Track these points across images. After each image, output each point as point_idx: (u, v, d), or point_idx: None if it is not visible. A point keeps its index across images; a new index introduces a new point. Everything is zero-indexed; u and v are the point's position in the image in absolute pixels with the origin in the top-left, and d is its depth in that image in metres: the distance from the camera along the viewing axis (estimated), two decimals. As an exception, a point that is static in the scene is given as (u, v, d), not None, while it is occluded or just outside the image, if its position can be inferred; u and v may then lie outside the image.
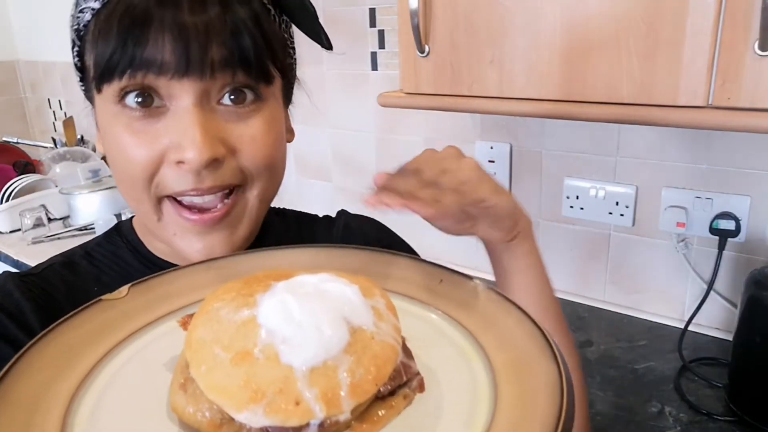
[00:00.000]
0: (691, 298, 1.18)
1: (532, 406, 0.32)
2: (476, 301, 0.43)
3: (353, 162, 1.63)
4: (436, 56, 0.95)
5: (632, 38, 0.77)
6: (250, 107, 0.52)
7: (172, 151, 0.49)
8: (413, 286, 0.46)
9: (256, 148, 0.52)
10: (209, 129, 0.49)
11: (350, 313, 0.34)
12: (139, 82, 0.48)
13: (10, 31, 2.67)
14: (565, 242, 1.31)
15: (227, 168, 0.51)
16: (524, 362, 0.36)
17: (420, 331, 0.41)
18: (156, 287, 0.45)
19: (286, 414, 0.29)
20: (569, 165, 1.26)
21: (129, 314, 0.42)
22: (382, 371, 0.32)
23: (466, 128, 1.39)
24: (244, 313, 0.34)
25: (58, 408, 0.33)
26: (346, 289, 0.36)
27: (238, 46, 0.48)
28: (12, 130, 2.55)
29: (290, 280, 0.37)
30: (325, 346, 0.32)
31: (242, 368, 0.31)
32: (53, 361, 0.36)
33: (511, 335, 0.39)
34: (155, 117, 0.50)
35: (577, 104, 0.84)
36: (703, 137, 1.09)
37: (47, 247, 1.69)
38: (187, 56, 0.47)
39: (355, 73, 1.53)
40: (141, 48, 0.47)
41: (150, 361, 0.39)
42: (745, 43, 0.69)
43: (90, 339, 0.39)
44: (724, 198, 1.08)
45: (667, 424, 0.92)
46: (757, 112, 0.71)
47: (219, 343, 0.32)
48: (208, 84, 0.49)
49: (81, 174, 1.94)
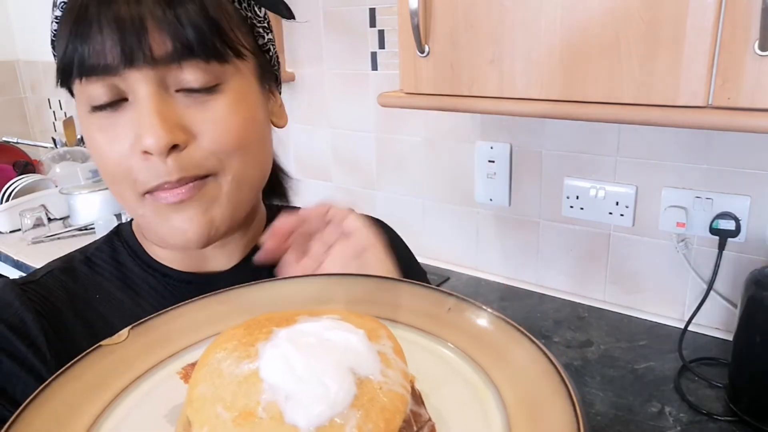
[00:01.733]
0: (691, 298, 1.18)
1: None
2: (486, 332, 0.42)
3: (353, 162, 1.63)
4: (436, 56, 0.95)
5: (632, 38, 0.77)
6: (209, 89, 0.51)
7: (136, 143, 0.49)
8: (421, 317, 0.45)
9: (219, 130, 0.51)
10: (167, 115, 0.48)
11: (356, 362, 0.33)
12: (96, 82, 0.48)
13: (10, 31, 2.67)
14: (565, 242, 1.31)
15: (193, 155, 0.50)
16: (538, 402, 0.35)
17: (430, 367, 0.40)
18: (156, 328, 0.44)
19: None
20: (569, 165, 1.26)
21: (128, 360, 0.41)
22: (391, 425, 0.31)
23: (466, 128, 1.39)
24: (245, 366, 0.33)
25: None
26: (351, 337, 0.35)
27: (178, 29, 0.48)
28: (12, 130, 2.55)
29: (292, 328, 0.36)
30: (330, 402, 0.31)
31: (245, 429, 0.30)
32: (53, 418, 0.35)
33: (524, 371, 0.38)
34: (120, 111, 0.50)
35: (577, 104, 0.84)
36: (703, 137, 1.09)
37: (47, 247, 1.69)
38: (128, 48, 0.47)
39: (355, 73, 1.53)
40: (85, 47, 0.47)
41: (150, 413, 0.38)
42: (745, 43, 0.69)
43: (89, 390, 0.38)
44: (724, 198, 1.08)
45: (667, 424, 0.92)
46: (757, 112, 0.71)
47: (221, 401, 0.32)
48: (159, 71, 0.48)
49: (81, 174, 1.94)
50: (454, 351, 0.42)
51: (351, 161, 1.64)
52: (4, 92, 2.70)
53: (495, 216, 1.40)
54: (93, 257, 0.61)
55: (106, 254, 0.61)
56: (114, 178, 0.52)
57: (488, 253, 1.43)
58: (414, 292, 0.47)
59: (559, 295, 1.33)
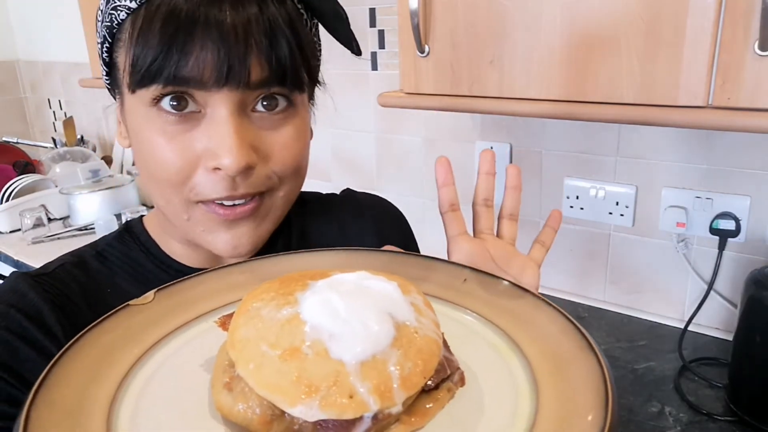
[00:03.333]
0: (691, 298, 1.18)
1: (578, 398, 0.32)
2: (503, 299, 0.44)
3: (353, 162, 1.63)
4: (436, 56, 0.95)
5: (632, 38, 0.77)
6: (283, 114, 0.52)
7: (207, 158, 0.49)
8: (438, 287, 0.47)
9: (286, 155, 0.53)
10: (244, 137, 0.49)
11: (393, 308, 0.35)
12: (178, 88, 0.48)
13: (10, 31, 2.67)
14: (565, 242, 1.31)
15: (259, 174, 0.52)
16: (561, 357, 0.36)
17: (453, 330, 0.41)
18: (181, 292, 0.45)
19: (342, 407, 0.30)
20: (569, 165, 1.26)
21: (157, 319, 0.42)
22: (428, 364, 0.33)
23: (466, 128, 1.39)
24: (286, 311, 0.35)
25: (100, 412, 0.34)
26: (386, 286, 0.37)
27: (276, 57, 0.49)
28: (12, 130, 2.55)
29: (330, 279, 0.37)
30: (373, 340, 0.32)
31: (292, 364, 0.31)
32: (88, 366, 0.37)
33: (544, 331, 0.39)
34: (190, 122, 0.50)
35: (577, 104, 0.84)
36: (703, 137, 1.09)
37: (47, 247, 1.69)
38: (228, 69, 0.47)
39: (355, 73, 1.53)
40: (184, 57, 0.46)
41: (184, 364, 0.39)
42: (745, 43, 0.69)
43: (121, 344, 0.39)
44: (724, 198, 1.08)
45: (667, 424, 0.92)
46: (757, 112, 0.70)
47: (265, 341, 0.33)
48: (245, 94, 0.49)
49: (81, 174, 1.94)
50: (473, 316, 0.44)
51: (351, 161, 1.64)
52: (4, 92, 2.70)
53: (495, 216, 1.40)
54: (104, 252, 0.61)
55: (118, 250, 0.61)
56: (167, 182, 0.51)
57: (488, 253, 1.43)
58: (429, 265, 0.50)
59: (559, 295, 1.33)
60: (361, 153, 1.60)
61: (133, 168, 2.07)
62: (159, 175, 0.51)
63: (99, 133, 2.48)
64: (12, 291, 0.54)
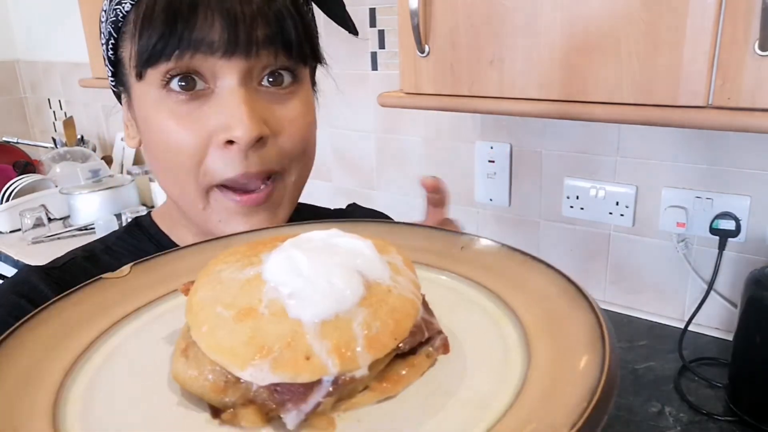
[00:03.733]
0: (691, 298, 1.18)
1: (572, 359, 0.29)
2: (502, 263, 0.41)
3: (353, 162, 1.63)
4: (436, 56, 0.95)
5: (632, 38, 0.77)
6: (289, 89, 0.53)
7: (219, 132, 0.50)
8: (434, 255, 0.44)
9: (295, 130, 0.53)
10: (255, 108, 0.50)
11: (364, 266, 0.32)
12: (186, 63, 0.49)
13: (10, 31, 2.67)
14: (565, 242, 1.31)
15: (270, 151, 0.51)
16: (558, 318, 0.33)
17: (443, 297, 0.38)
18: (160, 266, 0.44)
19: (296, 369, 0.27)
20: (569, 165, 1.26)
21: (131, 293, 0.40)
22: (401, 325, 0.30)
23: (466, 128, 1.39)
24: (248, 271, 0.32)
25: (52, 382, 0.32)
26: (358, 243, 0.34)
27: (281, 28, 0.50)
28: (12, 130, 2.55)
29: (297, 237, 0.35)
30: (337, 298, 0.29)
31: (246, 324, 0.29)
32: (49, 337, 0.35)
33: (541, 293, 0.36)
34: (199, 100, 0.50)
35: (577, 104, 0.84)
36: (703, 137, 1.09)
37: (47, 247, 1.69)
38: (236, 35, 0.48)
39: (355, 73, 1.53)
40: (189, 29, 0.48)
41: (152, 336, 0.37)
42: (745, 43, 0.69)
43: (89, 315, 0.38)
44: (724, 198, 1.08)
45: (667, 424, 0.92)
46: (757, 112, 0.70)
47: (221, 302, 0.31)
48: (252, 63, 0.50)
49: (81, 174, 1.94)
50: (469, 283, 0.41)
51: (351, 161, 1.64)
52: (4, 92, 2.70)
53: (495, 216, 1.40)
54: (114, 246, 0.61)
55: (128, 243, 0.62)
56: (179, 167, 0.51)
57: (488, 253, 1.43)
58: (427, 234, 0.47)
59: (559, 295, 1.33)
60: (361, 153, 1.60)
61: (134, 168, 2.07)
62: (172, 162, 0.52)
63: (99, 133, 2.47)
64: (23, 283, 0.55)
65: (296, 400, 0.28)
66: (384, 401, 0.30)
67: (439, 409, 0.30)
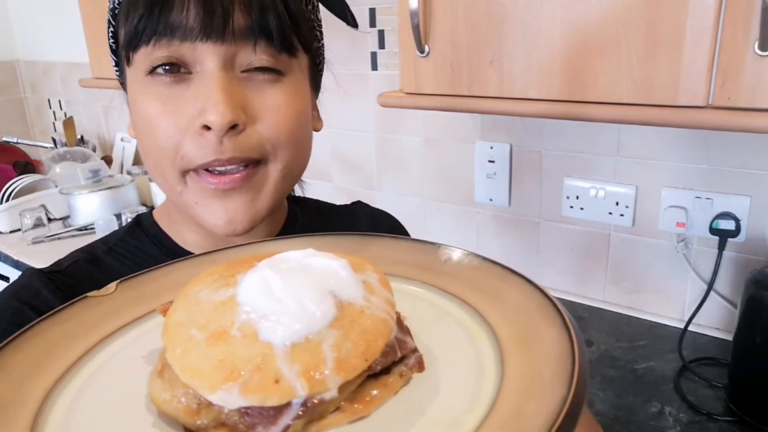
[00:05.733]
0: (691, 298, 1.18)
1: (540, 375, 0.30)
2: (482, 277, 0.41)
3: (353, 162, 1.63)
4: (436, 56, 0.95)
5: (632, 38, 0.77)
6: (273, 77, 0.52)
7: (196, 117, 0.50)
8: (414, 268, 0.44)
9: (277, 119, 0.53)
10: (232, 94, 0.49)
11: (337, 287, 0.32)
12: (165, 47, 0.49)
13: (10, 31, 2.67)
14: (565, 242, 1.31)
15: (248, 137, 0.51)
16: (532, 334, 0.33)
17: (421, 311, 0.39)
18: (145, 283, 0.44)
19: (265, 392, 0.27)
20: (569, 165, 1.26)
21: (115, 311, 0.40)
22: (372, 346, 0.30)
23: (466, 128, 1.39)
24: (223, 293, 0.32)
25: (31, 404, 0.32)
26: (332, 263, 0.34)
27: (260, 15, 0.50)
28: (12, 130, 2.55)
29: (273, 257, 0.35)
30: (307, 321, 0.30)
31: (218, 347, 0.29)
32: (31, 358, 0.35)
33: (518, 309, 0.36)
34: (182, 84, 0.50)
35: (577, 104, 0.84)
36: (703, 137, 1.09)
37: (47, 247, 1.69)
38: (211, 21, 0.48)
39: (355, 73, 1.53)
40: (166, 14, 0.48)
41: (133, 356, 0.37)
42: (745, 43, 0.69)
43: (73, 335, 0.37)
44: (724, 198, 1.08)
45: (667, 424, 0.92)
46: (757, 112, 0.70)
47: (195, 324, 0.31)
48: (231, 49, 0.50)
49: (81, 174, 1.94)
50: (448, 297, 0.41)
51: (351, 161, 1.64)
52: (4, 92, 2.70)
53: (495, 216, 1.40)
54: (116, 247, 0.61)
55: (130, 244, 0.61)
56: (161, 152, 0.52)
57: (488, 253, 1.42)
58: (408, 247, 0.47)
59: (558, 295, 1.33)
60: (361, 153, 1.60)
61: (134, 168, 2.07)
62: (154, 145, 0.52)
63: (99, 133, 2.47)
64: (26, 288, 0.55)
65: (266, 423, 0.28)
66: (356, 422, 0.30)
67: (410, 429, 0.30)
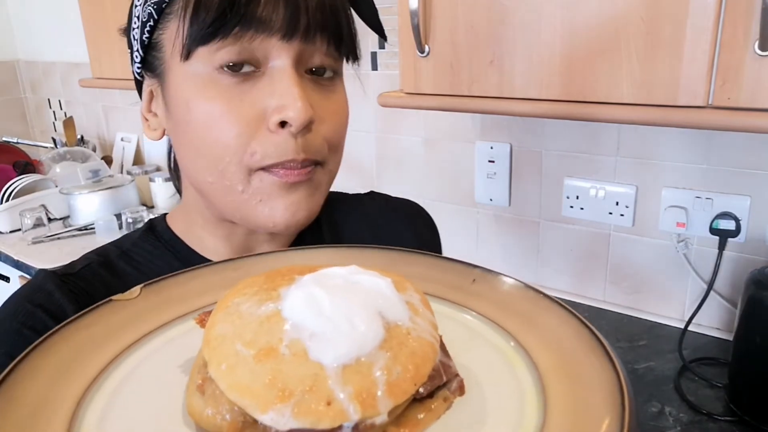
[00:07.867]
0: (691, 298, 1.18)
1: (589, 407, 0.29)
2: (513, 300, 0.41)
3: (353, 162, 1.63)
4: (436, 56, 0.95)
5: (632, 38, 0.77)
6: (331, 81, 0.54)
7: (272, 114, 0.49)
8: (445, 287, 0.43)
9: (337, 120, 0.54)
10: (307, 92, 0.50)
11: (384, 307, 0.32)
12: (241, 43, 0.48)
13: (10, 31, 2.67)
14: (565, 242, 1.31)
15: (315, 139, 0.52)
16: (573, 362, 0.33)
17: (456, 333, 0.38)
18: (170, 287, 0.43)
19: (317, 415, 0.27)
20: (569, 165, 1.26)
21: (141, 315, 0.40)
22: (421, 370, 0.30)
23: (466, 128, 1.39)
24: (267, 307, 0.32)
25: (64, 413, 0.31)
26: (379, 282, 0.33)
27: (335, 19, 0.51)
28: (12, 130, 2.56)
29: (317, 273, 0.34)
30: (358, 341, 0.29)
31: (267, 365, 0.28)
32: (59, 363, 0.34)
33: (555, 335, 0.36)
34: (249, 82, 0.50)
35: (577, 104, 0.84)
36: (703, 137, 1.09)
37: (47, 247, 1.69)
38: (297, 18, 0.48)
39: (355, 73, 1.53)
40: (252, 8, 0.47)
41: (163, 363, 0.36)
42: (745, 43, 0.69)
43: (99, 340, 0.37)
44: (724, 198, 1.08)
45: (667, 424, 0.92)
46: (757, 112, 0.71)
47: (240, 339, 0.30)
48: (306, 48, 0.50)
49: (81, 174, 1.94)
50: (481, 319, 0.40)
51: (351, 161, 1.64)
52: (4, 92, 2.70)
53: (495, 216, 1.40)
54: (130, 252, 0.60)
55: (144, 250, 0.60)
56: (224, 150, 0.50)
57: (488, 253, 1.43)
58: (436, 264, 0.46)
59: (558, 295, 1.33)
60: (361, 153, 1.60)
61: (134, 168, 2.07)
62: (215, 144, 0.50)
63: (99, 133, 2.48)
64: (39, 290, 0.54)
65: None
66: None
67: None
